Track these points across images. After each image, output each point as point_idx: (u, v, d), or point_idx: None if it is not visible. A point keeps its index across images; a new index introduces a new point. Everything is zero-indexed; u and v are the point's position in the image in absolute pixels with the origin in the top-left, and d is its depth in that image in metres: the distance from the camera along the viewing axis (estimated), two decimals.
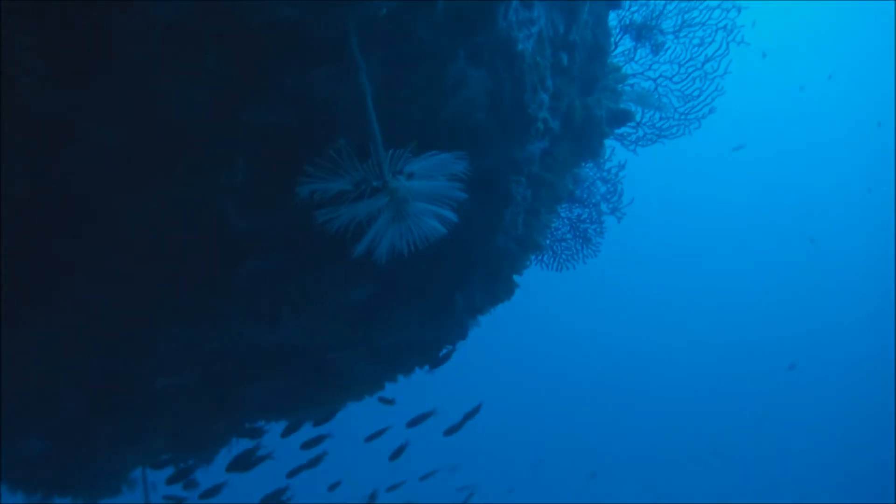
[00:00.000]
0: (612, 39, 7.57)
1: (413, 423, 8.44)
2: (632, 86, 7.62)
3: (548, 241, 8.63)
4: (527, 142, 4.46)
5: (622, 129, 7.46)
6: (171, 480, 6.85)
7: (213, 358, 5.69)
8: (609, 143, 8.10)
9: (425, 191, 3.28)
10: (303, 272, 4.98)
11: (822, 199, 38.23)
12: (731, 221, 39.15)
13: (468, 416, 8.49)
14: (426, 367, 7.50)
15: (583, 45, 5.27)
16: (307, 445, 7.64)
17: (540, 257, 8.72)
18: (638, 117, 7.55)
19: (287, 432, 6.73)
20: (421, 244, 3.41)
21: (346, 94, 3.80)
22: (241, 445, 6.97)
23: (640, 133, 7.50)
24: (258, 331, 5.19)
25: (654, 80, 7.55)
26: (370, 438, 8.76)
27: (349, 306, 5.71)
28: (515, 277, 6.77)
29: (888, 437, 30.60)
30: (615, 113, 6.04)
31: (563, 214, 8.75)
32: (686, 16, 7.49)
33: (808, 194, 38.36)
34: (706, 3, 7.43)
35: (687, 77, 7.49)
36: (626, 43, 7.57)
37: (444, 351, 7.38)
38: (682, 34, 7.49)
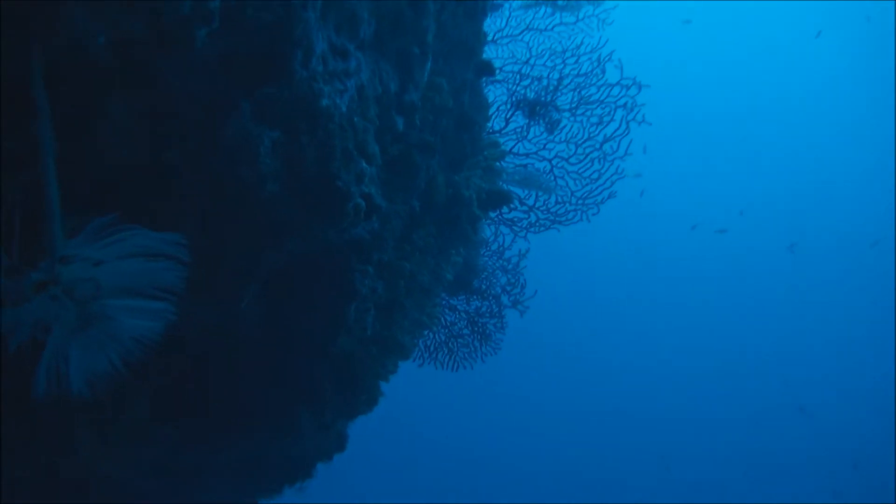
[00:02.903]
0: (504, 116, 6.89)
1: None
2: (525, 166, 6.89)
3: (442, 337, 7.75)
4: (345, 223, 3.51)
5: (512, 214, 6.66)
6: None
7: None
8: (504, 229, 7.33)
9: (122, 280, 2.26)
10: None
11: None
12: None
13: None
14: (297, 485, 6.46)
15: (441, 111, 4.44)
16: None
17: (433, 356, 7.83)
18: (531, 201, 6.77)
19: None
20: (132, 354, 2.36)
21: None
22: None
23: (533, 218, 6.70)
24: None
25: (550, 160, 6.84)
26: None
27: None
28: (382, 384, 5.72)
29: (888, 437, 29.89)
30: (490, 194, 5.19)
31: (460, 308, 7.89)
32: (583, 92, 6.87)
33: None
34: (604, 79, 6.85)
35: (585, 158, 6.80)
36: (519, 119, 6.90)
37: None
38: (579, 112, 6.85)
